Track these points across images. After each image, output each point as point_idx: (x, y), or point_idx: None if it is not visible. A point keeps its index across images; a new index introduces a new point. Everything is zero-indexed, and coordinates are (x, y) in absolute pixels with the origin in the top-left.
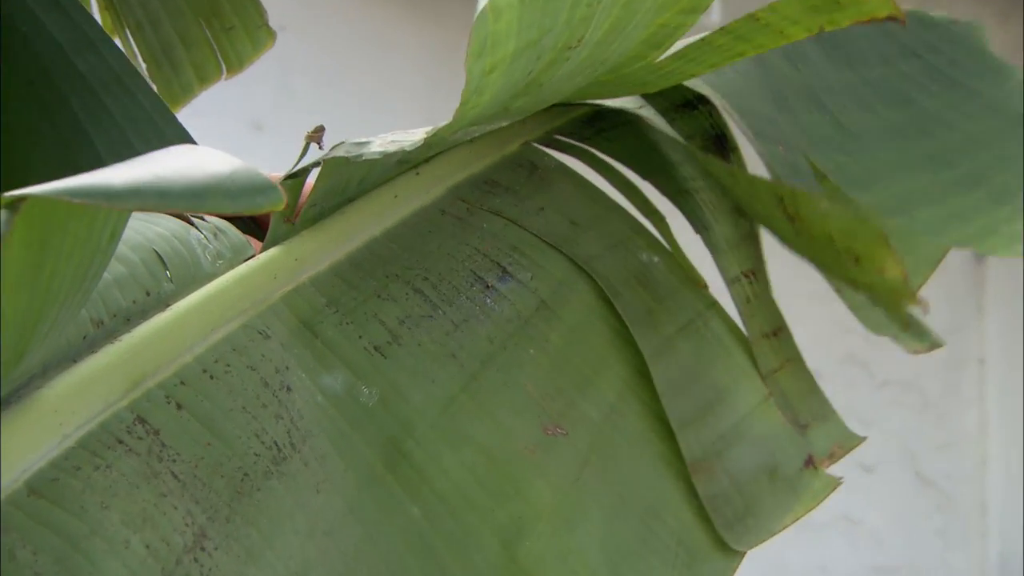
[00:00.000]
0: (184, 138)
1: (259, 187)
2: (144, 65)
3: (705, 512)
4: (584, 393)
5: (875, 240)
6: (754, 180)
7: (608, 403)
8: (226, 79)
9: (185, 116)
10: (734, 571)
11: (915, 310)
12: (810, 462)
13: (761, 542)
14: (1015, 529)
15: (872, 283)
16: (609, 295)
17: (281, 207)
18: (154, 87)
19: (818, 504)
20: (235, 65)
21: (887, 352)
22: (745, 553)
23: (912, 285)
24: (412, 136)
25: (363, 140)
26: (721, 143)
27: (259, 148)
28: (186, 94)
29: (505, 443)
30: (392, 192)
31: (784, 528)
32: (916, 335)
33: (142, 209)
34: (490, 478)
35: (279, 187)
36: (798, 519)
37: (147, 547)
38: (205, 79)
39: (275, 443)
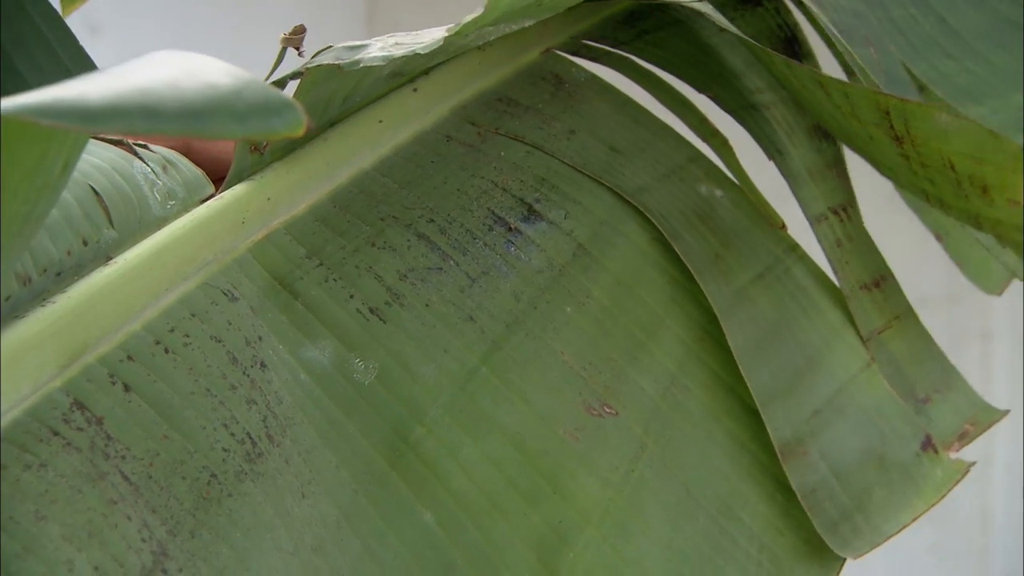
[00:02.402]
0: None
1: (274, 105)
2: None
3: (792, 509)
4: (636, 362)
5: (1011, 164)
6: (851, 89)
7: (667, 373)
8: None
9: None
10: None
11: None
12: (929, 444)
13: (874, 546)
14: (1021, 545)
15: (1002, 219)
16: (667, 236)
17: (302, 131)
18: None
19: (942, 497)
20: None
21: None
22: (844, 561)
23: None
24: (424, 37)
25: (358, 43)
26: (792, 47)
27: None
28: None
29: (539, 428)
30: (384, 113)
31: (902, 528)
32: None
33: (127, 133)
34: (522, 473)
35: (298, 106)
36: (919, 516)
37: (96, 569)
38: None
39: (248, 435)
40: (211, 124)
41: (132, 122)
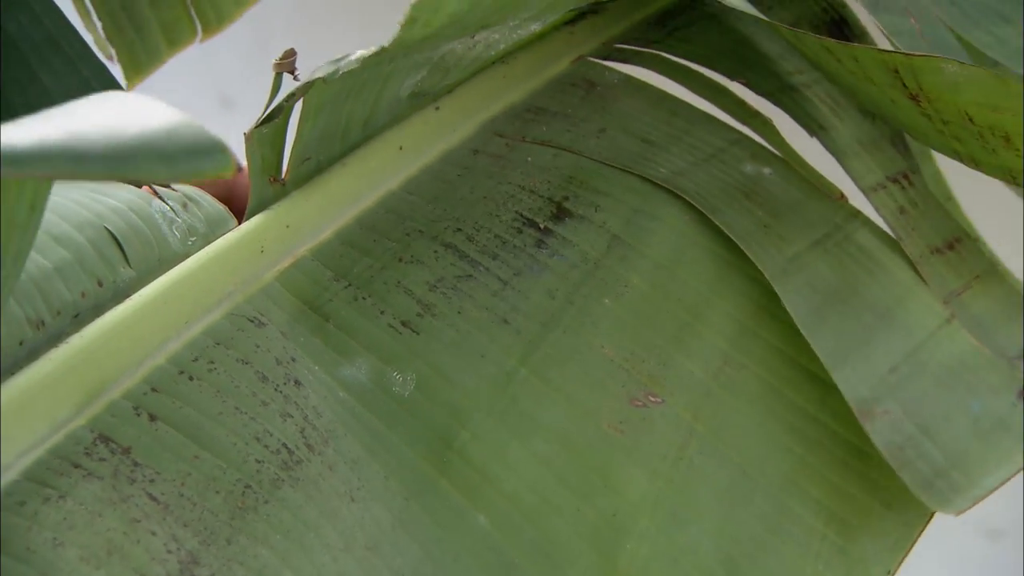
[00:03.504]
0: None
1: (203, 147)
2: (100, 25)
3: (871, 472)
4: (684, 345)
5: None
6: (858, 52)
7: (719, 353)
8: (200, 42)
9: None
10: (903, 554)
11: None
12: None
13: (976, 501)
14: None
15: None
16: (706, 212)
17: (230, 173)
18: (113, 53)
19: None
20: (213, 24)
21: None
22: (928, 520)
23: None
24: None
25: (340, 56)
26: (840, 29)
27: (228, 128)
28: (152, 61)
29: (584, 424)
30: (406, 134)
31: (1006, 481)
32: None
33: (55, 177)
34: (571, 470)
35: (227, 148)
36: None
37: None
38: (176, 42)
39: (284, 446)
40: (139, 167)
41: (58, 166)
